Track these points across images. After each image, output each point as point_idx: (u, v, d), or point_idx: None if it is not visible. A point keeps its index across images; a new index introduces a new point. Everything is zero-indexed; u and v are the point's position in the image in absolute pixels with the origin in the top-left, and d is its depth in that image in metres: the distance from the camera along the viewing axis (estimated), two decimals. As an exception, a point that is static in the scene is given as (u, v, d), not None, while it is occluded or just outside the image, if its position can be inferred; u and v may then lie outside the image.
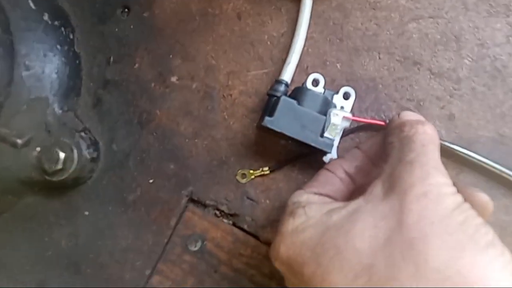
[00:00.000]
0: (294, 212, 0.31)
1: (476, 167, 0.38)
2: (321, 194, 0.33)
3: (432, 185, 0.26)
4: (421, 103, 0.40)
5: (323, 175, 0.35)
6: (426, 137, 0.29)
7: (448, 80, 0.40)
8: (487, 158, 0.37)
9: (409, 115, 0.34)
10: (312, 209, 0.30)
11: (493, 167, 0.37)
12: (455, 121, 0.39)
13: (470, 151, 0.37)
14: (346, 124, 0.38)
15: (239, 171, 0.42)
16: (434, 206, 0.25)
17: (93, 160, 0.45)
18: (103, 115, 0.47)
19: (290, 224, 0.30)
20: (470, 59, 0.40)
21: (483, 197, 0.29)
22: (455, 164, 0.39)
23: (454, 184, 0.27)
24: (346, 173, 0.35)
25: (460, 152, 0.37)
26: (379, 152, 0.35)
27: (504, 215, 0.38)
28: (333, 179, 0.35)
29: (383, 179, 0.28)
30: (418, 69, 0.41)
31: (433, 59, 0.41)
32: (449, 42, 0.40)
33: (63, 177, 0.43)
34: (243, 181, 0.42)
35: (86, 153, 0.44)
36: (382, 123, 0.38)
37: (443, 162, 0.29)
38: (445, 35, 0.41)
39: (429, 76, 0.40)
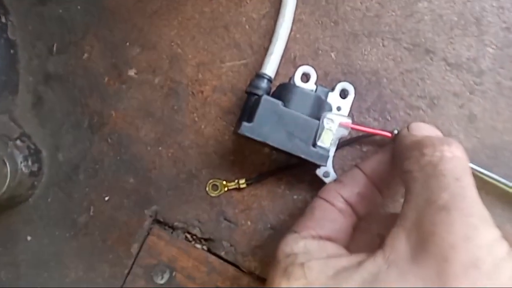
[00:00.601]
0: (289, 272, 0.23)
1: (495, 189, 0.31)
2: (320, 238, 0.26)
3: (482, 248, 0.18)
4: (435, 101, 0.33)
5: (320, 208, 0.28)
6: (458, 164, 0.22)
7: (467, 72, 0.33)
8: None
9: (422, 128, 0.26)
10: (314, 269, 0.22)
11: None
12: (476, 123, 0.32)
13: (501, 158, 0.30)
14: (344, 132, 0.31)
15: (210, 181, 0.35)
16: (489, 281, 0.18)
17: (34, 174, 0.36)
18: (45, 117, 0.38)
19: None
20: (494, 47, 0.32)
21: None
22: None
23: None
24: (346, 202, 0.28)
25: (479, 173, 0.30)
26: (386, 175, 0.27)
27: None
28: (332, 213, 0.27)
29: (407, 228, 0.21)
30: (431, 58, 0.33)
31: (449, 47, 0.33)
32: (469, 25, 0.33)
33: (-7, 198, 0.34)
34: (214, 193, 0.34)
35: (23, 166, 0.36)
36: (389, 135, 0.30)
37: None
38: (464, 16, 0.33)
39: (444, 68, 0.33)
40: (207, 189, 0.35)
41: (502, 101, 0.32)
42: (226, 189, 0.34)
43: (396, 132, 0.30)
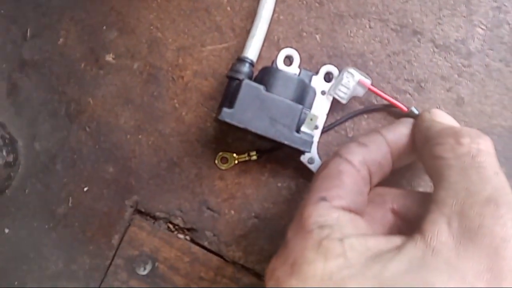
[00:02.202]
0: (325, 247, 0.21)
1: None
2: (350, 211, 0.24)
3: None
4: (422, 85, 0.32)
5: (348, 175, 0.25)
6: (494, 159, 0.21)
7: (456, 54, 0.32)
8: (503, 153, 0.30)
9: (446, 117, 0.26)
10: (355, 249, 0.20)
11: None
12: (464, 107, 0.31)
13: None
14: (360, 92, 0.30)
15: (220, 154, 0.33)
16: None
17: (9, 164, 0.35)
18: (21, 105, 0.37)
19: (320, 268, 0.20)
20: (483, 27, 0.31)
21: None
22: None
23: None
24: (369, 171, 0.26)
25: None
26: (403, 149, 0.26)
27: None
28: (359, 183, 0.25)
29: (447, 215, 0.20)
30: (419, 40, 0.32)
31: (437, 28, 0.32)
32: (458, 5, 0.32)
33: (-33, 190, 0.33)
34: (224, 166, 0.33)
35: (-2, 157, 0.34)
36: (405, 108, 0.30)
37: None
38: (453, -5, 0.32)
39: (432, 50, 0.32)
40: (216, 162, 0.33)
41: (490, 84, 0.31)
42: (236, 161, 0.33)
43: (413, 109, 0.29)
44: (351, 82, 0.30)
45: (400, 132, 0.27)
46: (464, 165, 0.21)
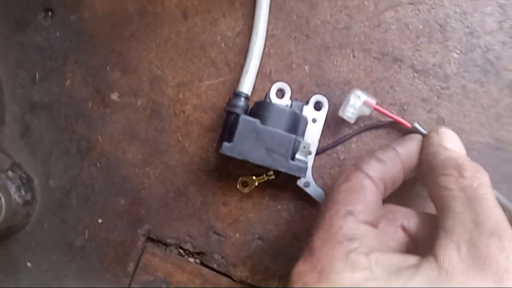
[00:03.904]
0: (352, 260, 0.23)
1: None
2: (373, 225, 0.26)
3: None
4: (405, 107, 0.34)
5: (370, 191, 0.26)
6: (492, 191, 0.24)
7: (434, 78, 0.34)
8: (484, 169, 0.32)
9: (453, 140, 0.28)
10: (380, 263, 0.23)
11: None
12: (445, 126, 0.34)
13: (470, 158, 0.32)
14: (366, 111, 0.32)
15: (240, 179, 0.35)
16: None
17: (28, 203, 0.38)
18: (34, 145, 0.39)
19: (347, 278, 0.22)
20: (458, 52, 0.34)
21: None
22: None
23: None
24: (385, 186, 0.27)
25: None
26: (413, 166, 0.29)
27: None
28: (378, 198, 0.27)
29: (456, 242, 0.22)
30: (399, 66, 0.35)
31: (415, 54, 0.34)
32: (434, 33, 0.34)
33: (-10, 230, 0.36)
34: (245, 190, 0.35)
35: (17, 196, 0.37)
36: (408, 124, 0.32)
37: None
38: (428, 24, 0.34)
39: (412, 75, 0.34)
40: (238, 186, 0.35)
41: (467, 104, 0.34)
42: (256, 183, 0.35)
43: (416, 125, 0.32)
44: (358, 103, 0.32)
45: (411, 149, 0.29)
46: (467, 196, 0.24)
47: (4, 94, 0.40)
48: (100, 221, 0.38)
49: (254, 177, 0.35)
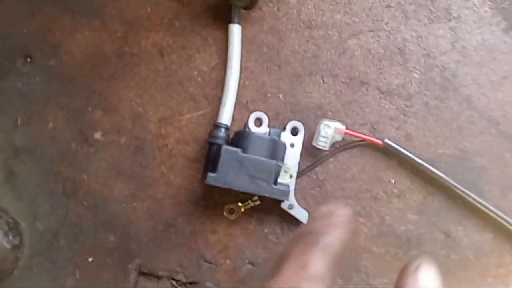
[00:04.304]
0: None
1: (443, 188, 0.35)
2: None
3: None
4: (375, 126, 0.37)
5: None
6: None
7: (398, 97, 0.37)
8: (451, 178, 0.35)
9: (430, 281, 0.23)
10: None
11: (459, 188, 0.35)
12: (413, 141, 0.36)
13: (438, 169, 0.35)
14: (338, 137, 0.35)
15: (226, 206, 0.36)
16: None
17: (16, 247, 0.38)
18: (19, 189, 0.40)
19: None
20: (418, 72, 0.37)
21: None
22: (421, 188, 0.36)
23: None
24: None
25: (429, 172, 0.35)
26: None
27: (477, 235, 0.36)
28: None
29: None
30: (366, 89, 0.37)
31: (380, 77, 0.37)
32: (394, 56, 0.37)
33: (-21, 278, 0.35)
34: (232, 217, 0.36)
35: (5, 243, 0.37)
36: (379, 142, 0.35)
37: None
38: (389, 48, 0.37)
39: (378, 96, 0.37)
40: (225, 213, 0.36)
41: (431, 119, 0.36)
42: (242, 209, 0.36)
43: (387, 141, 0.34)
44: (329, 132, 0.34)
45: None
46: None
47: (-15, 141, 0.41)
48: (90, 259, 0.38)
49: (239, 204, 0.36)
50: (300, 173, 0.36)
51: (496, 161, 0.36)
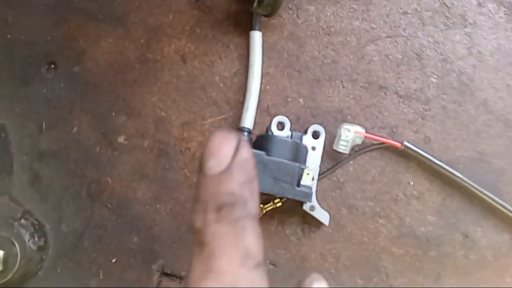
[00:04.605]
0: None
1: (461, 190, 0.36)
2: None
3: None
4: (394, 130, 0.38)
5: None
6: None
7: (417, 101, 0.38)
8: (469, 179, 0.36)
9: None
10: None
11: (478, 189, 0.35)
12: (431, 144, 0.37)
13: (456, 171, 0.36)
14: (358, 141, 0.36)
15: None
16: None
17: (41, 248, 0.39)
18: (44, 192, 0.41)
19: None
20: (436, 77, 0.38)
21: None
22: (440, 189, 0.37)
23: None
24: None
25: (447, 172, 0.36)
26: None
27: (495, 235, 0.36)
28: None
29: None
30: (385, 93, 0.38)
31: (398, 81, 0.38)
32: (412, 61, 0.38)
33: (6, 279, 0.36)
34: None
35: (31, 244, 0.38)
36: (398, 145, 0.36)
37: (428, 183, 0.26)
38: (406, 54, 0.38)
39: (397, 100, 0.38)
40: None
41: (449, 123, 0.37)
42: (264, 211, 0.37)
43: (406, 143, 0.35)
44: (349, 135, 0.35)
45: None
46: None
47: (11, 145, 0.42)
48: (114, 260, 0.39)
49: (261, 205, 0.37)
50: (321, 176, 0.37)
51: (513, 163, 0.37)
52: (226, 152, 0.17)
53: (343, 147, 0.36)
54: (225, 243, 0.16)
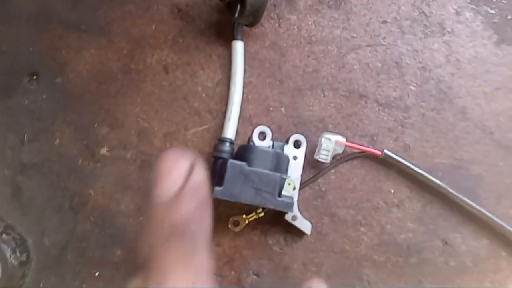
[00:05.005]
0: None
1: (441, 197, 0.37)
2: None
3: None
4: (374, 138, 0.38)
5: None
6: None
7: (396, 109, 0.38)
8: (449, 186, 0.36)
9: None
10: None
11: (456, 196, 0.36)
12: (411, 152, 0.38)
13: (436, 178, 0.36)
14: (339, 150, 0.36)
15: (231, 218, 0.37)
16: None
17: (23, 263, 0.38)
18: (26, 205, 0.40)
19: None
20: (415, 85, 0.38)
21: None
22: (419, 197, 0.37)
23: None
24: None
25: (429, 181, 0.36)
26: None
27: (474, 241, 0.37)
28: None
29: None
30: (365, 102, 0.39)
31: (378, 90, 0.39)
32: (391, 70, 0.39)
33: (-12, 295, 0.36)
34: (237, 229, 0.37)
35: (12, 259, 0.37)
36: (379, 153, 0.36)
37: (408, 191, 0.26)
38: (386, 62, 0.39)
39: (377, 108, 0.38)
40: (229, 226, 0.37)
41: (428, 130, 0.38)
42: (247, 221, 0.37)
43: (386, 151, 0.36)
44: (330, 145, 0.36)
45: None
46: None
47: (-7, 158, 0.41)
48: (97, 274, 0.39)
49: (244, 216, 0.37)
50: (302, 185, 0.37)
51: (491, 169, 0.37)
52: (177, 176, 0.15)
53: (324, 156, 0.36)
54: (175, 268, 0.15)
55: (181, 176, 0.16)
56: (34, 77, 0.42)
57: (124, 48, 0.41)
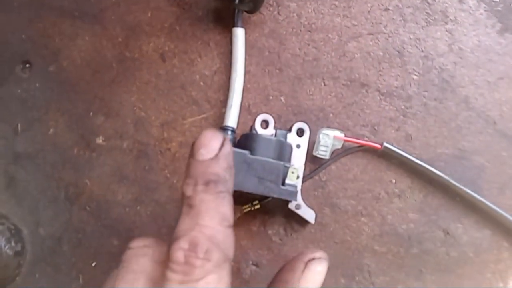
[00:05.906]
0: None
1: (442, 187, 0.36)
2: None
3: None
4: (376, 128, 0.37)
5: None
6: None
7: (398, 99, 0.38)
8: (450, 177, 0.36)
9: None
10: None
11: (458, 186, 0.35)
12: (413, 142, 0.37)
13: (438, 168, 0.36)
14: (338, 145, 0.36)
15: None
16: None
17: (18, 254, 0.38)
18: (20, 196, 0.39)
19: None
20: (417, 74, 0.38)
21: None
22: (421, 187, 0.37)
23: None
24: None
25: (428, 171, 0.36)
26: None
27: (476, 232, 0.36)
28: None
29: None
30: (367, 91, 0.38)
31: (379, 79, 0.38)
32: (393, 58, 0.38)
33: (-18, 286, 0.35)
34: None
35: (7, 249, 0.37)
36: (378, 146, 0.35)
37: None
38: (388, 51, 0.38)
39: (378, 98, 0.38)
40: None
41: (430, 120, 0.37)
42: (243, 212, 0.36)
43: (385, 144, 0.35)
44: (328, 141, 0.35)
45: None
46: None
47: (-15, 148, 0.40)
48: (94, 264, 0.38)
49: (240, 206, 0.37)
50: (303, 178, 0.36)
51: (494, 159, 0.37)
52: (215, 145, 0.22)
53: (323, 152, 0.35)
54: (209, 207, 0.21)
55: (217, 146, 0.22)
56: (27, 65, 0.41)
57: (119, 36, 0.40)
